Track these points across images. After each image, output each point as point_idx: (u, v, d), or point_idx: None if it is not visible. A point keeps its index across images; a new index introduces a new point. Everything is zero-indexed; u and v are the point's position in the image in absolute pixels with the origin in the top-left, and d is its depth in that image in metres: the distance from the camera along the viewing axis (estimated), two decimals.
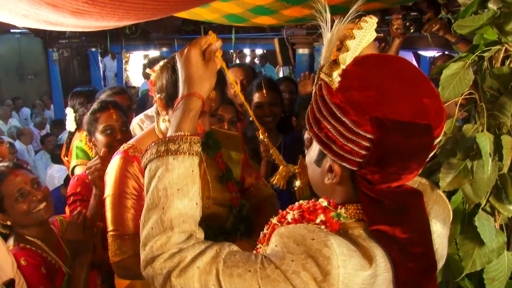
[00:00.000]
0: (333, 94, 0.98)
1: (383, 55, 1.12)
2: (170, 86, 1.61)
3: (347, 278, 0.92)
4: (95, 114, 2.32)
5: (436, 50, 4.10)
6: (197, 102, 1.19)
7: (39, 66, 9.59)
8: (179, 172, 1.09)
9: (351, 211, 1.05)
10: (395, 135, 0.93)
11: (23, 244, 1.87)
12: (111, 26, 2.26)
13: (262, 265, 0.96)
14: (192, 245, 1.03)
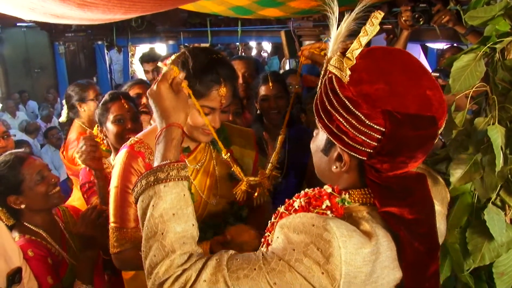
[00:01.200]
0: (345, 88, 1.02)
1: (387, 48, 1.14)
2: None
3: (349, 257, 0.95)
4: (106, 105, 2.37)
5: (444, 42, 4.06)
6: (177, 131, 1.27)
7: (45, 60, 9.59)
8: (172, 198, 1.14)
9: (354, 196, 1.10)
10: (405, 128, 0.98)
11: (29, 236, 1.91)
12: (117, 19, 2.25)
13: (266, 260, 1.00)
14: (194, 263, 1.06)
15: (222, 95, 1.64)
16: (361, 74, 1.02)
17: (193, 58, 1.63)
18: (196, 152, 1.83)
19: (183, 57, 1.64)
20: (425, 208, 1.09)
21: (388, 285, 1.06)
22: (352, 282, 0.97)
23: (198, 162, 1.83)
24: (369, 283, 1.01)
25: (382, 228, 1.04)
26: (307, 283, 0.97)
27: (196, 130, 1.70)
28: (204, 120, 1.65)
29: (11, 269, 1.67)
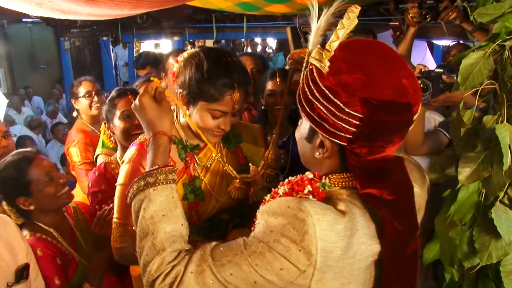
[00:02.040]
0: (324, 78, 1.09)
1: (365, 40, 1.20)
2: (193, 84, 1.61)
3: (323, 234, 1.02)
4: (113, 101, 2.35)
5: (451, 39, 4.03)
6: (163, 139, 1.37)
7: (51, 55, 9.63)
8: (161, 200, 1.22)
9: (334, 180, 1.18)
10: (381, 114, 1.05)
11: (39, 234, 1.89)
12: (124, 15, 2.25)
13: (247, 245, 1.07)
14: (182, 258, 1.14)
15: (235, 100, 1.63)
16: (340, 65, 1.08)
17: (208, 61, 1.61)
18: (206, 149, 1.83)
19: (197, 59, 1.63)
20: (404, 190, 1.16)
21: (366, 260, 1.11)
22: (329, 257, 1.03)
23: (208, 160, 1.83)
24: (347, 258, 1.06)
25: (359, 208, 1.11)
26: (286, 261, 1.03)
27: (206, 131, 1.70)
28: (214, 123, 1.65)
29: (19, 265, 1.67)
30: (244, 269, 1.05)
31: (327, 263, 1.04)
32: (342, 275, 1.08)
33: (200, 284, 1.08)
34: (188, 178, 1.77)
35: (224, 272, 1.06)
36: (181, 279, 1.09)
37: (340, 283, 1.08)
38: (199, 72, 1.60)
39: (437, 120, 2.81)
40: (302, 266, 1.03)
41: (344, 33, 1.09)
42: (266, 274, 1.04)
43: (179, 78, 1.68)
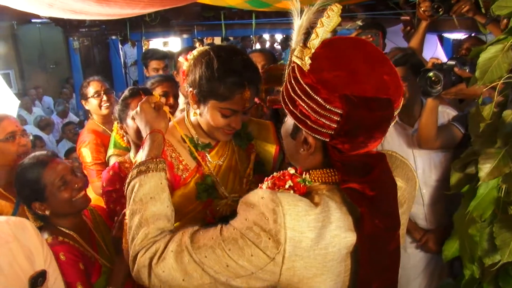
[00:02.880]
0: (305, 75, 1.11)
1: (347, 37, 1.24)
2: (203, 83, 1.60)
3: (293, 223, 1.06)
4: (126, 101, 2.34)
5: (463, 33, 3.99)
6: (158, 136, 1.50)
7: (60, 55, 9.67)
8: (150, 185, 1.35)
9: (315, 175, 1.22)
10: (361, 110, 1.07)
11: (62, 238, 1.87)
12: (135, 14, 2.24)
13: (221, 231, 1.14)
14: (164, 236, 1.25)
15: (246, 98, 1.62)
16: (321, 63, 1.11)
17: (218, 59, 1.60)
18: (218, 147, 1.82)
19: (208, 58, 1.62)
20: (385, 186, 1.18)
21: (339, 252, 1.13)
22: (297, 247, 1.07)
23: (220, 158, 1.82)
24: (318, 249, 1.09)
25: (336, 202, 1.14)
26: (256, 248, 1.08)
27: (216, 130, 1.69)
28: (225, 121, 1.64)
29: (34, 271, 1.64)
30: (217, 253, 1.12)
31: (297, 253, 1.07)
32: (314, 265, 1.11)
33: (178, 262, 1.16)
34: (201, 177, 1.76)
35: (199, 254, 1.13)
36: (160, 255, 1.19)
37: (313, 274, 1.11)
38: (209, 70, 1.59)
39: (450, 114, 2.78)
40: (271, 253, 1.07)
41: (324, 31, 1.11)
42: (237, 259, 1.10)
43: (189, 76, 1.67)
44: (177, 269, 1.16)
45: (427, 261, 2.88)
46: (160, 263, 1.19)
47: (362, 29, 3.25)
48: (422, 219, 2.84)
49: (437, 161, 2.76)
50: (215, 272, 1.12)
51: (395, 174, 1.26)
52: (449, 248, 1.49)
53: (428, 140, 2.59)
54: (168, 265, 1.17)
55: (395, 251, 1.23)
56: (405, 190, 1.30)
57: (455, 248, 1.46)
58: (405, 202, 1.31)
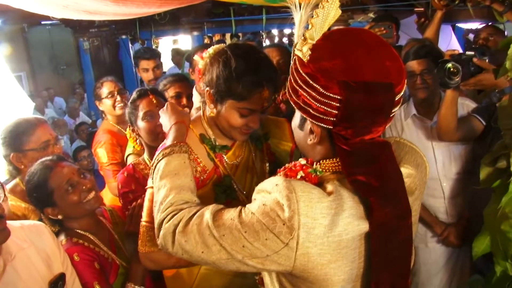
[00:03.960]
0: (305, 66, 1.14)
1: (346, 28, 1.28)
2: (221, 83, 1.57)
3: (306, 210, 1.09)
4: (135, 102, 2.30)
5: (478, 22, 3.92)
6: (182, 125, 1.62)
7: (70, 56, 9.71)
8: (175, 164, 1.45)
9: (325, 165, 1.24)
10: (360, 94, 1.09)
11: (76, 239, 1.85)
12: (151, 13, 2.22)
13: (240, 213, 1.18)
14: (189, 207, 1.31)
15: (264, 97, 1.59)
16: (320, 53, 1.13)
17: (236, 58, 1.56)
18: (235, 147, 1.79)
19: (225, 57, 1.58)
20: (391, 175, 1.19)
21: (353, 239, 1.15)
22: (311, 233, 1.10)
23: (237, 158, 1.79)
24: (332, 236, 1.11)
25: (348, 191, 1.15)
26: (270, 233, 1.11)
27: (234, 130, 1.66)
28: (243, 121, 1.62)
29: (53, 275, 1.64)
30: (234, 233, 1.16)
31: (310, 239, 1.10)
32: (328, 252, 1.13)
33: (200, 235, 1.21)
34: (218, 179, 1.73)
35: (219, 231, 1.18)
36: (185, 226, 1.25)
37: (327, 260, 1.13)
38: (227, 70, 1.55)
39: (470, 106, 2.74)
40: (285, 238, 1.10)
41: (320, 22, 1.13)
42: (253, 241, 1.14)
43: (206, 75, 1.64)
44: (198, 241, 1.21)
45: (448, 256, 2.84)
46: (183, 233, 1.24)
47: (375, 21, 3.20)
48: (443, 212, 2.80)
49: (457, 153, 2.72)
50: (232, 249, 1.17)
51: (404, 161, 1.28)
52: (479, 245, 1.45)
53: (448, 132, 2.55)
54: (191, 236, 1.23)
55: (407, 240, 1.23)
56: (416, 176, 1.29)
57: (486, 244, 1.42)
58: (416, 188, 1.30)
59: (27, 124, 2.28)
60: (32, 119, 2.34)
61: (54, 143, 2.34)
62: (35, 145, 2.26)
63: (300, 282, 1.20)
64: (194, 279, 1.79)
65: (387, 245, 1.18)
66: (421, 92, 2.65)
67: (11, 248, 1.57)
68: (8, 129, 2.25)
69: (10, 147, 2.24)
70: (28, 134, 2.25)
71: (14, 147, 2.24)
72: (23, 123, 2.28)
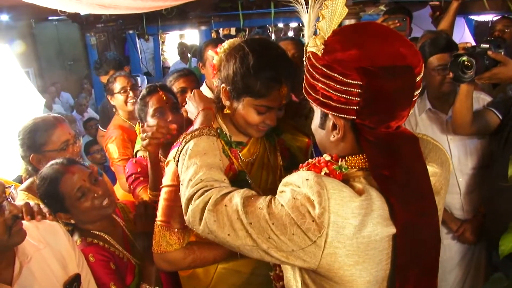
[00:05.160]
0: (320, 58, 1.14)
1: (358, 23, 1.31)
2: (238, 79, 1.53)
3: (337, 208, 1.06)
4: (145, 99, 2.28)
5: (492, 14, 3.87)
6: (209, 111, 1.64)
7: (77, 52, 9.68)
8: (204, 145, 1.46)
9: (351, 161, 1.20)
10: (381, 78, 1.07)
11: (90, 239, 1.82)
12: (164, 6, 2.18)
13: (270, 203, 1.15)
14: (220, 186, 1.31)
15: (283, 95, 1.55)
16: (334, 46, 1.12)
17: (253, 54, 1.52)
18: (250, 144, 1.76)
19: (242, 53, 1.53)
20: (416, 170, 1.16)
21: (381, 241, 1.13)
22: (340, 233, 1.07)
23: (252, 155, 1.76)
24: (361, 237, 1.08)
25: (376, 190, 1.12)
26: (298, 228, 1.08)
27: (250, 127, 1.63)
28: (260, 118, 1.59)
29: (68, 276, 1.62)
30: (262, 223, 1.13)
31: (339, 239, 1.07)
32: (356, 253, 1.10)
33: (228, 218, 1.19)
34: (233, 176, 1.71)
35: (247, 218, 1.16)
36: (215, 205, 1.23)
37: (354, 261, 1.11)
38: (244, 66, 1.51)
39: (485, 99, 2.71)
40: (313, 236, 1.07)
41: (331, 14, 1.13)
42: (280, 234, 1.11)
43: (221, 72, 1.60)
44: (226, 223, 1.19)
45: (464, 252, 2.81)
46: (213, 212, 1.23)
47: (388, 14, 3.15)
48: (458, 209, 2.76)
49: (472, 147, 2.69)
50: (257, 238, 1.15)
51: (429, 159, 1.24)
52: (507, 243, 1.41)
53: (463, 125, 2.52)
54: (220, 216, 1.21)
55: (433, 238, 1.20)
56: (441, 175, 1.26)
57: None
58: (442, 188, 1.27)
59: (46, 125, 2.21)
60: (50, 118, 2.27)
61: (73, 142, 2.27)
62: (55, 146, 2.19)
63: (324, 281, 1.17)
64: (211, 278, 1.77)
65: (413, 244, 1.15)
66: (447, 86, 2.59)
67: (27, 249, 1.55)
68: (27, 130, 2.18)
69: (30, 148, 2.18)
70: (47, 135, 2.18)
71: (33, 149, 2.17)
72: (41, 124, 2.21)
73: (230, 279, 1.76)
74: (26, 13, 6.33)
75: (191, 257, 1.63)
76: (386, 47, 1.11)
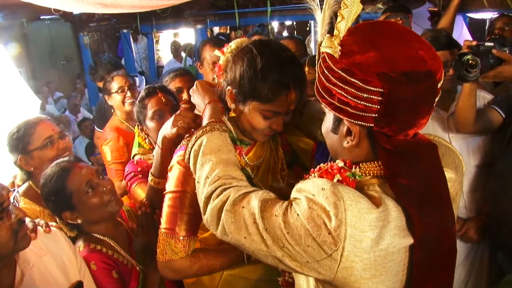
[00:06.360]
0: (337, 61, 1.08)
1: (372, 21, 1.21)
2: (245, 83, 1.47)
3: (354, 221, 1.01)
4: (143, 101, 2.24)
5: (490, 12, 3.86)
6: (216, 104, 1.59)
7: (70, 51, 9.60)
8: (217, 141, 1.41)
9: (365, 168, 1.15)
10: (402, 84, 1.03)
11: (94, 245, 1.78)
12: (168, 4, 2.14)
13: (286, 211, 1.10)
14: (237, 185, 1.27)
15: (291, 100, 1.50)
16: (351, 47, 1.07)
17: (262, 57, 1.47)
18: (256, 147, 1.72)
19: (250, 55, 1.48)
20: (435, 179, 1.13)
21: (399, 252, 1.09)
22: (357, 246, 1.02)
23: (259, 158, 1.72)
24: (378, 251, 1.04)
25: (392, 199, 1.08)
26: (313, 240, 1.04)
27: (256, 131, 1.59)
28: (266, 123, 1.55)
29: (70, 283, 1.58)
30: (277, 231, 1.09)
31: (356, 253, 1.03)
32: (373, 267, 1.06)
33: (244, 219, 1.15)
34: None
35: (262, 223, 1.12)
36: (233, 205, 1.19)
37: (371, 274, 1.07)
38: (252, 69, 1.46)
39: (486, 98, 2.69)
40: (328, 249, 1.03)
41: (349, 13, 1.09)
42: (294, 244, 1.07)
43: (228, 73, 1.55)
44: (242, 225, 1.16)
45: (467, 251, 2.79)
46: (230, 212, 1.19)
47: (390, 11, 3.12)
48: (461, 207, 2.74)
49: (475, 145, 2.67)
50: (272, 245, 1.11)
51: (443, 163, 1.18)
52: None
53: (466, 124, 2.50)
54: (237, 218, 1.18)
55: (451, 249, 1.18)
56: (456, 180, 1.23)
57: None
58: (456, 194, 1.24)
59: (27, 125, 2.25)
60: (31, 119, 2.31)
61: (59, 137, 2.29)
62: (38, 143, 2.22)
63: None
64: (217, 285, 1.73)
65: (430, 255, 1.13)
66: (447, 83, 2.57)
67: (29, 256, 1.52)
68: (10, 134, 2.23)
69: (16, 151, 2.22)
70: (29, 134, 2.22)
71: (19, 151, 2.21)
72: (22, 125, 2.25)
73: (236, 285, 1.72)
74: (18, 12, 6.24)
75: (198, 265, 1.59)
76: (405, 50, 1.07)
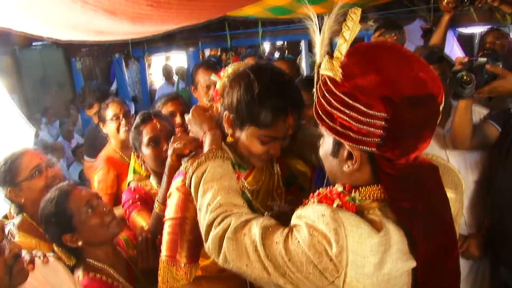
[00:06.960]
0: (339, 85, 1.07)
1: (371, 42, 1.23)
2: (242, 108, 1.46)
3: (355, 246, 1.00)
4: (139, 128, 2.22)
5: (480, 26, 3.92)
6: (216, 131, 1.57)
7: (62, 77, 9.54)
8: (220, 169, 1.41)
9: (365, 192, 1.13)
10: (406, 109, 1.02)
11: (93, 273, 1.76)
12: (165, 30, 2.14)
13: (287, 239, 1.09)
14: (240, 213, 1.26)
15: (288, 125, 1.49)
16: (352, 70, 1.06)
17: (259, 82, 1.46)
18: (255, 172, 1.70)
19: (247, 80, 1.47)
20: (437, 201, 1.12)
21: (401, 276, 1.08)
22: (360, 272, 1.02)
23: (258, 182, 1.70)
24: (381, 275, 1.03)
25: (393, 223, 1.07)
26: (315, 268, 1.03)
27: (253, 157, 1.57)
28: (263, 148, 1.52)
29: None
30: (278, 259, 1.08)
31: (359, 279, 1.02)
32: None
33: (246, 247, 1.15)
34: None
35: (263, 251, 1.11)
36: (234, 233, 1.19)
37: None
38: (249, 94, 1.45)
39: (482, 112, 2.70)
40: (330, 276, 1.02)
41: (350, 35, 1.08)
42: (296, 271, 1.06)
43: (225, 98, 1.54)
44: (244, 253, 1.15)
45: (469, 268, 2.76)
46: (232, 240, 1.19)
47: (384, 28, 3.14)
48: (462, 223, 2.72)
49: (472, 161, 2.66)
50: (274, 272, 1.10)
51: (444, 183, 1.17)
52: None
53: (464, 140, 2.50)
54: (238, 246, 1.17)
55: (455, 270, 1.17)
56: (456, 200, 1.22)
57: None
58: (457, 213, 1.23)
59: (12, 157, 2.22)
60: (16, 151, 2.28)
61: (47, 165, 2.26)
62: (26, 173, 2.18)
63: None
64: None
65: (434, 278, 1.11)
66: None
67: None
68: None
69: (5, 184, 2.19)
70: (15, 166, 2.19)
71: (8, 184, 2.19)
72: (8, 158, 2.22)
73: None
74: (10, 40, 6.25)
75: None
76: (406, 72, 1.06)
